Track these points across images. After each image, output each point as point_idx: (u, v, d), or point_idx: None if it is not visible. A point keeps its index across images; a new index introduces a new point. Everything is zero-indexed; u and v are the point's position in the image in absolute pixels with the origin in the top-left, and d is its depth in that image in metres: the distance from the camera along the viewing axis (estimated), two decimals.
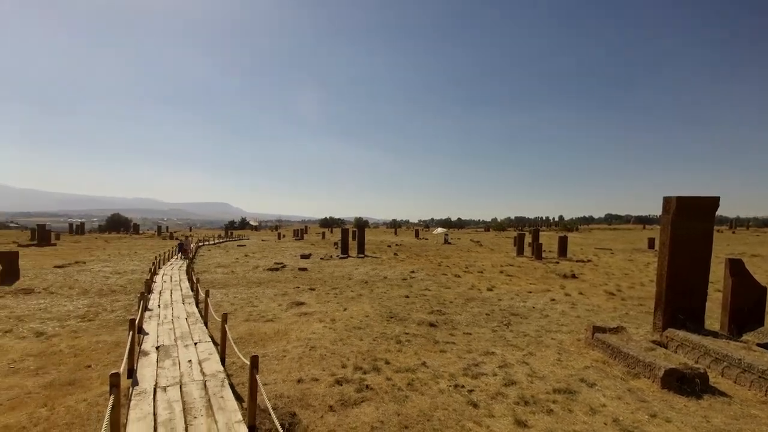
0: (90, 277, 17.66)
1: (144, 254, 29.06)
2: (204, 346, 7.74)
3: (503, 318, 11.04)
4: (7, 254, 16.92)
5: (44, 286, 15.11)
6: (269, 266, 22.34)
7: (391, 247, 38.08)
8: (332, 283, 17.14)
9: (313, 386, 6.25)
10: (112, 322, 10.23)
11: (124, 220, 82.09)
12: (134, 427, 4.62)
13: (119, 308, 11.87)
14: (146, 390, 5.67)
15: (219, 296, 13.85)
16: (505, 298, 13.88)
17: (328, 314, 11.21)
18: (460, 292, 15.07)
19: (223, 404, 5.26)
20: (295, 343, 8.51)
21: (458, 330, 9.77)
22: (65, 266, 21.01)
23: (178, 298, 12.79)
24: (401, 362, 7.42)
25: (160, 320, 9.82)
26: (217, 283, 16.74)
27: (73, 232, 56.65)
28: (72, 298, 13.13)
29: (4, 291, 13.92)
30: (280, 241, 48.22)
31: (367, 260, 26.51)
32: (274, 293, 14.58)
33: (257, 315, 11.14)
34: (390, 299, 13.50)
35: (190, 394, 5.56)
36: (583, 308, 12.47)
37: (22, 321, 10.14)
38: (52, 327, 9.66)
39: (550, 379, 6.74)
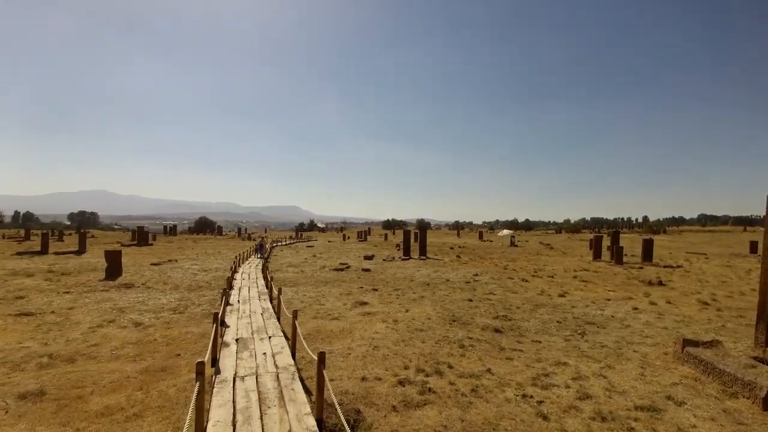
0: (181, 273, 19.67)
1: (226, 253, 31.67)
2: (277, 340, 8.26)
3: (577, 327, 10.34)
4: (113, 253, 19.47)
5: (142, 281, 17.13)
6: (335, 266, 23.16)
7: (454, 249, 37.46)
8: (394, 284, 17.30)
9: (376, 385, 6.37)
10: (198, 315, 11.31)
11: (209, 223, 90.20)
12: (216, 413, 5.07)
13: (205, 302, 13.07)
14: (227, 379, 6.19)
15: (290, 294, 14.66)
16: (580, 306, 12.98)
17: (390, 315, 11.35)
18: (528, 297, 14.39)
19: (294, 396, 5.57)
20: (359, 341, 8.74)
21: (526, 337, 9.34)
22: (160, 264, 23.63)
23: (254, 295, 13.78)
24: (465, 367, 7.28)
25: (239, 314, 10.67)
26: (289, 282, 17.73)
27: (166, 233, 63.52)
28: (165, 293, 14.73)
29: (109, 285, 16.04)
30: (345, 243, 49.74)
31: (429, 262, 26.35)
32: (340, 292, 15.08)
33: (324, 313, 11.62)
34: (452, 302, 13.30)
35: (265, 385, 5.96)
36: (671, 319, 11.25)
37: (123, 312, 11.60)
38: (148, 318, 10.93)
39: (632, 394, 6.18)
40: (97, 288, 15.30)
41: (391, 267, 23.63)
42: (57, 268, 20.58)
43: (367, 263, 25.49)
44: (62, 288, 15.10)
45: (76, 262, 23.81)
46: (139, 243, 39.94)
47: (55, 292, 14.34)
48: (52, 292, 14.34)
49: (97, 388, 6.24)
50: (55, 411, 5.44)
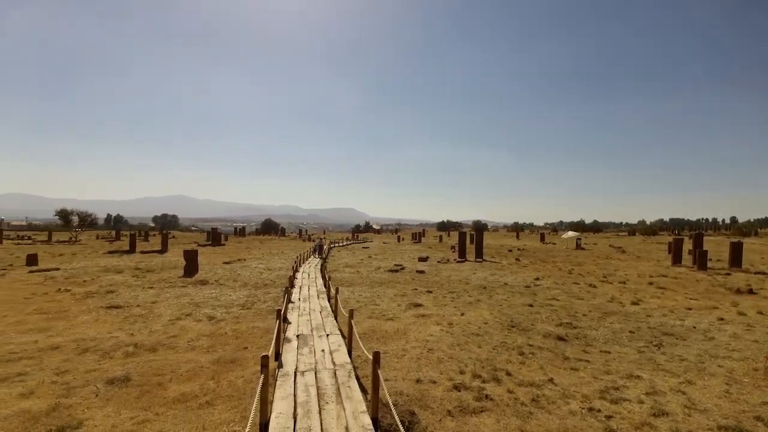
0: (248, 272, 21.01)
1: (288, 253, 33.29)
2: (334, 338, 8.52)
3: (653, 337, 9.49)
4: (190, 252, 21.30)
5: (215, 278, 18.53)
6: (389, 268, 23.36)
7: (513, 252, 36.07)
8: (449, 286, 17.06)
9: (431, 388, 6.33)
10: (264, 311, 12.01)
11: (274, 224, 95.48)
12: (278, 405, 5.35)
13: (269, 299, 13.84)
14: (288, 373, 6.51)
15: (347, 293, 15.04)
16: (656, 315, 11.89)
17: (445, 318, 11.21)
18: (596, 304, 13.46)
19: (350, 394, 5.71)
20: (414, 343, 8.74)
21: (593, 347, 8.75)
22: (231, 263, 25.41)
23: (314, 293, 14.34)
24: (524, 375, 6.99)
25: (300, 312, 11.17)
26: (345, 282, 18.20)
27: (236, 234, 68.22)
28: (235, 290, 15.82)
29: (187, 282, 17.54)
30: (400, 244, 49.95)
31: (486, 265, 25.62)
32: (394, 294, 15.19)
33: (379, 313, 11.77)
34: (511, 307, 12.82)
35: (323, 381, 6.18)
36: (762, 331, 9.94)
37: (198, 307, 12.63)
38: (220, 313, 11.80)
39: (714, 413, 5.56)
40: (177, 284, 16.82)
41: (445, 269, 23.34)
42: (143, 265, 22.94)
43: (421, 265, 25.40)
44: (147, 284, 16.81)
45: (159, 260, 26.37)
46: (213, 243, 43.25)
47: (140, 287, 16.00)
48: (138, 287, 16.01)
49: (175, 376, 6.87)
50: (138, 396, 6.08)
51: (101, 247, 36.66)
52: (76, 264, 23.43)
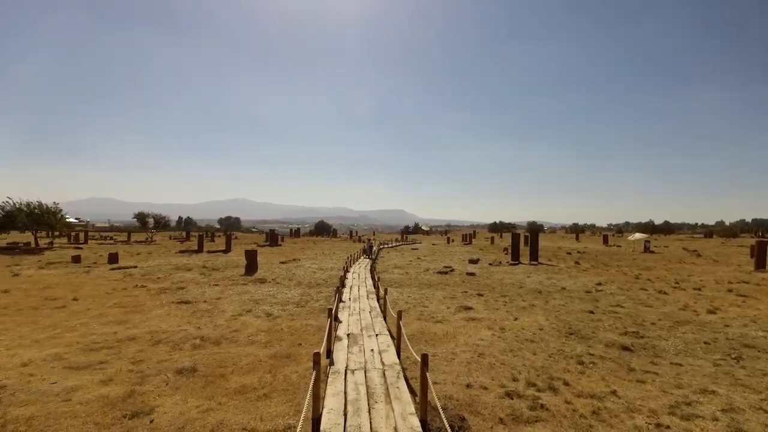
0: (303, 271, 21.84)
1: (339, 254, 34.14)
2: (383, 339, 8.61)
3: (731, 350, 8.55)
4: (250, 252, 22.58)
5: (273, 277, 19.46)
6: (438, 269, 23.12)
7: (572, 255, 34.16)
8: (501, 290, 16.53)
9: (482, 394, 6.19)
10: (316, 310, 12.42)
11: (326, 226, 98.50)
12: (330, 401, 5.51)
13: (322, 298, 14.29)
14: (339, 370, 6.68)
15: (395, 294, 15.12)
16: (735, 325, 10.71)
17: (497, 322, 10.89)
18: (667, 312, 12.38)
19: (399, 394, 5.75)
20: (463, 347, 8.59)
21: (662, 358, 8.07)
22: (286, 262, 26.57)
23: (363, 294, 14.58)
24: (584, 386, 6.61)
25: (350, 311, 11.42)
26: (394, 283, 18.30)
27: (292, 235, 71.20)
28: (290, 288, 16.51)
29: (248, 280, 18.59)
30: (449, 246, 49.25)
31: (542, 268, 24.50)
32: (443, 296, 15.01)
33: (427, 315, 11.70)
34: (569, 313, 12.15)
35: (372, 380, 6.27)
36: None
37: (257, 304, 13.33)
38: (276, 310, 12.38)
39: None
40: (239, 282, 17.89)
41: (497, 272, 22.65)
42: (209, 264, 24.67)
43: (471, 267, 24.87)
44: (212, 281, 18.05)
45: (223, 259, 28.21)
46: (271, 244, 45.48)
47: (207, 284, 17.22)
48: (205, 284, 17.24)
49: (236, 368, 7.32)
50: (203, 386, 6.55)
51: (173, 247, 39.95)
52: (152, 262, 25.74)
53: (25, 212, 37.54)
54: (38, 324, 10.47)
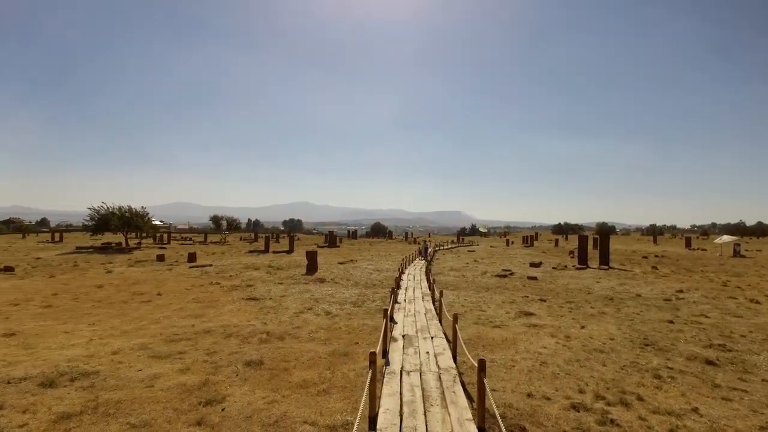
0: (359, 272, 22.33)
1: (395, 256, 34.40)
2: (438, 341, 8.54)
3: None
4: (311, 253, 23.55)
5: (331, 277, 20.12)
6: (497, 272, 22.38)
7: (648, 259, 31.32)
8: (566, 295, 15.61)
9: (544, 405, 5.90)
10: (372, 310, 12.63)
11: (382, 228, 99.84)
12: (386, 401, 5.59)
13: (378, 299, 14.51)
14: (395, 371, 6.75)
15: (451, 297, 14.90)
16: None
17: (561, 329, 10.30)
18: (760, 323, 10.93)
19: (455, 399, 5.67)
20: (524, 354, 8.24)
21: (753, 375, 7.14)
22: (344, 263, 27.32)
23: (418, 295, 14.56)
24: (660, 402, 6.05)
25: (405, 312, 11.47)
26: (450, 285, 18.04)
27: (349, 237, 73.12)
28: (348, 288, 16.96)
29: (308, 279, 19.38)
30: (509, 248, 47.45)
31: (613, 273, 22.74)
32: (502, 300, 14.52)
33: (485, 319, 11.39)
34: (645, 322, 11.17)
35: (428, 383, 6.25)
36: None
37: (317, 302, 13.85)
38: (335, 309, 12.78)
39: None
40: (300, 281, 18.74)
41: (562, 276, 21.41)
42: (274, 263, 26.10)
43: (533, 271, 23.76)
44: (277, 280, 19.07)
45: (286, 259, 29.71)
46: (330, 245, 47.05)
47: (272, 282, 18.23)
48: (270, 282, 18.26)
49: (298, 363, 7.67)
50: (268, 378, 6.95)
51: (243, 247, 42.82)
52: (224, 261, 27.81)
53: (118, 215, 42.31)
54: (127, 316, 11.77)
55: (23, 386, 6.15)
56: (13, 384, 6.22)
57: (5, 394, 5.85)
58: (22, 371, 6.75)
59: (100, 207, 42.37)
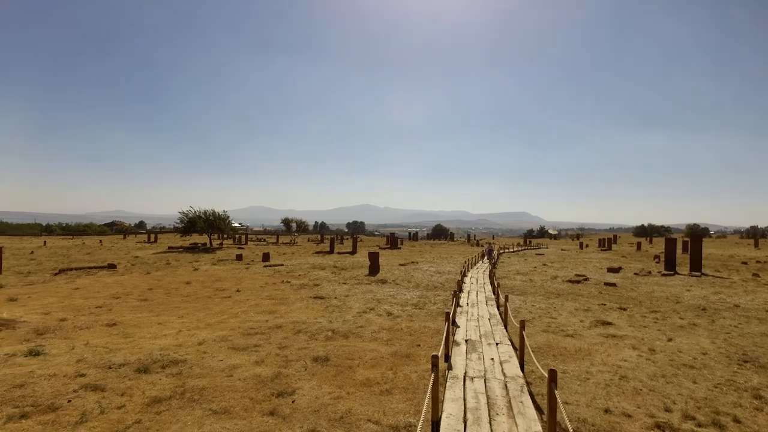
0: (420, 274, 22.30)
1: (456, 258, 33.82)
2: (504, 348, 8.24)
3: None
4: (373, 254, 24.01)
5: (392, 278, 20.33)
6: (569, 278, 21.01)
7: (748, 265, 27.40)
8: (650, 304, 14.19)
9: (624, 422, 5.44)
10: (434, 312, 12.55)
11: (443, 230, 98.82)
12: (449, 406, 5.52)
13: (439, 301, 14.38)
14: (458, 376, 6.64)
15: (517, 302, 14.29)
16: None
17: (644, 342, 9.40)
18: None
19: (523, 410, 5.44)
20: (601, 366, 7.65)
21: None
22: (405, 265, 27.46)
23: (482, 299, 14.17)
24: (761, 425, 5.29)
25: (467, 317, 11.23)
26: (516, 290, 17.30)
27: (410, 238, 73.29)
28: (409, 290, 17.02)
29: (371, 280, 19.76)
30: (582, 252, 44.28)
31: (706, 280, 20.23)
32: (575, 307, 13.60)
33: (556, 327, 10.76)
34: (744, 336, 9.81)
35: (493, 390, 6.07)
36: None
37: (379, 303, 14.07)
38: (396, 310, 12.89)
39: None
40: (363, 282, 19.19)
41: (645, 283, 19.51)
42: (339, 264, 27.01)
43: (611, 276, 21.93)
44: (341, 280, 19.72)
45: (350, 260, 30.59)
46: (391, 247, 47.58)
47: (337, 282, 18.89)
48: (335, 282, 18.93)
49: (362, 362, 7.87)
50: (334, 375, 7.21)
51: (310, 248, 44.89)
52: (294, 261, 29.38)
53: (203, 219, 46.66)
54: (210, 310, 12.91)
55: (122, 371, 7.02)
56: (114, 369, 7.12)
57: (107, 378, 6.71)
58: (121, 358, 7.71)
59: (189, 211, 47.04)
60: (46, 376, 6.53)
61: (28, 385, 6.13)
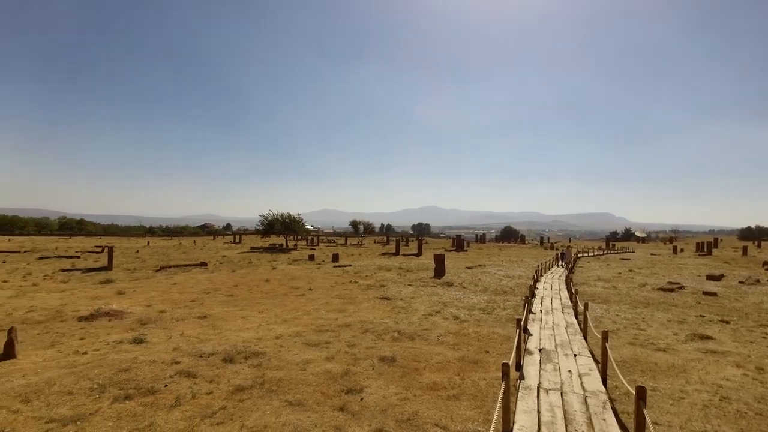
0: (488, 278, 21.60)
1: (528, 262, 32.19)
2: (583, 360, 7.67)
3: None
4: (439, 257, 23.75)
5: (459, 281, 19.94)
6: (660, 285, 18.92)
7: None
8: (759, 317, 12.29)
9: None
10: (503, 319, 12.08)
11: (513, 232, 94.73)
12: (521, 418, 5.28)
13: (509, 307, 13.81)
14: (530, 387, 6.32)
15: (598, 311, 13.21)
16: None
17: (751, 359, 8.17)
18: None
19: (605, 428, 5.03)
20: (698, 385, 6.79)
21: None
22: (472, 267, 26.78)
23: (557, 307, 13.33)
24: None
25: (541, 324, 10.63)
26: (597, 297, 16.01)
27: (477, 241, 71.34)
28: (476, 294, 16.58)
29: (436, 282, 19.58)
30: (676, 256, 39.62)
31: None
32: (667, 318, 12.22)
33: (644, 340, 9.76)
34: None
35: (571, 405, 5.68)
36: None
37: (445, 306, 13.88)
38: (463, 314, 12.63)
39: None
40: (428, 284, 19.09)
41: (753, 293, 16.92)
42: (404, 266, 27.18)
43: (711, 285, 19.34)
44: (406, 281, 19.82)
45: (415, 262, 30.63)
46: (457, 249, 46.73)
47: (402, 284, 19.02)
48: (401, 283, 19.08)
49: (428, 365, 7.83)
50: (401, 376, 7.27)
51: (377, 250, 45.78)
52: (361, 262, 30.16)
53: (280, 221, 49.97)
54: (286, 307, 13.74)
55: (211, 360, 7.74)
56: (204, 358, 7.88)
57: (198, 365, 7.44)
58: (210, 348, 8.50)
59: (268, 214, 50.65)
60: (147, 362, 7.43)
61: (132, 370, 7.03)
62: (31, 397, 5.92)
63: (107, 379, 6.57)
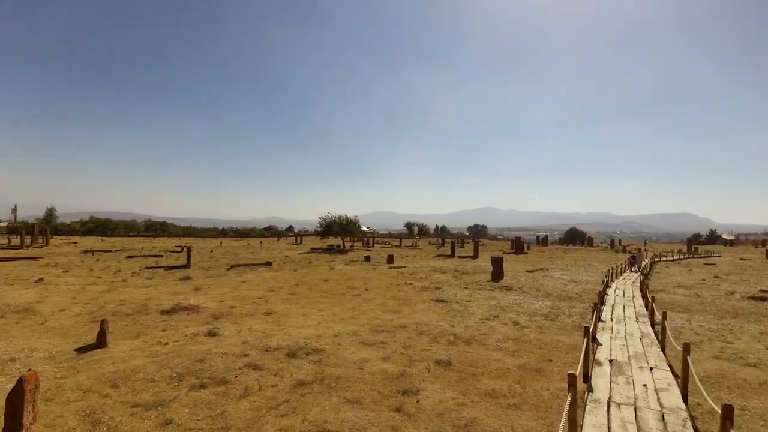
0: (551, 282, 20.52)
1: (597, 266, 30.09)
2: (661, 374, 7.03)
3: None
4: (496, 259, 23.00)
5: (518, 285, 19.16)
6: (752, 294, 16.75)
7: None
8: None
9: None
10: (568, 326, 11.41)
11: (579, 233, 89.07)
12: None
13: (575, 314, 13.01)
14: (600, 400, 5.92)
15: (678, 321, 12.01)
16: None
17: None
18: None
19: None
20: None
21: None
22: (533, 271, 25.61)
23: (630, 315, 12.34)
24: None
25: (612, 334, 9.90)
26: (676, 306, 14.55)
27: (539, 243, 68.05)
28: (538, 299, 15.83)
29: (494, 286, 18.97)
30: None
31: None
32: (759, 331, 10.82)
33: (732, 354, 8.70)
34: None
35: (646, 422, 5.24)
36: None
37: (504, 311, 13.41)
38: (523, 320, 12.11)
39: None
40: (485, 287, 18.57)
41: None
42: (459, 268, 26.70)
43: None
44: (462, 284, 19.44)
45: (471, 264, 29.94)
46: (516, 251, 44.92)
47: (458, 286, 18.69)
48: (456, 286, 18.75)
49: (486, 371, 7.62)
50: (457, 380, 7.14)
51: (431, 251, 45.47)
52: (416, 264, 30.12)
53: (338, 223, 51.68)
54: (344, 306, 14.11)
55: (275, 354, 8.17)
56: (269, 352, 8.33)
57: (264, 359, 7.89)
58: (275, 342, 8.98)
59: (326, 216, 52.59)
60: (220, 354, 8.02)
61: (206, 360, 7.63)
62: (119, 383, 6.66)
63: (185, 369, 7.21)
